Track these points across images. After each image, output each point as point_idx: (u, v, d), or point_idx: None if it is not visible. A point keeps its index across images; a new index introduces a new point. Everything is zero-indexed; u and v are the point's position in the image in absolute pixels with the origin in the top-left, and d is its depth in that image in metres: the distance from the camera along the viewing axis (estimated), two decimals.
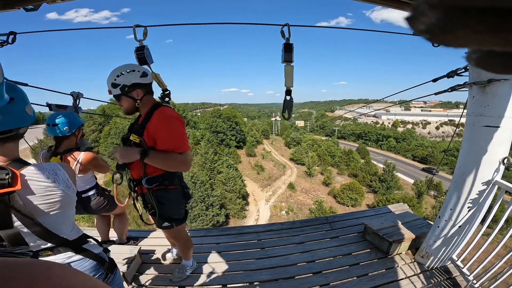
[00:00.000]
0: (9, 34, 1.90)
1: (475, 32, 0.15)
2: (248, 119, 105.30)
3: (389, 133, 74.49)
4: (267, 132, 70.23)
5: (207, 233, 3.27)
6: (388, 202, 28.21)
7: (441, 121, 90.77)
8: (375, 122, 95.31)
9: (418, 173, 45.78)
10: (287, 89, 1.67)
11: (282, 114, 1.71)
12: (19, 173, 1.01)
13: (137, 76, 1.68)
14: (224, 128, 45.53)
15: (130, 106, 1.74)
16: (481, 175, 2.15)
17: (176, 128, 1.69)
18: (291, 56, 1.63)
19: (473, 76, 2.02)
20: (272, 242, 3.11)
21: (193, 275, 2.55)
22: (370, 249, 3.00)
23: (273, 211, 28.36)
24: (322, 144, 51.90)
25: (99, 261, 1.33)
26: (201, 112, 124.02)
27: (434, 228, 2.59)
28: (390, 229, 2.96)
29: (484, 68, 0.19)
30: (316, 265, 2.73)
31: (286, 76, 1.65)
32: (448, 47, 0.17)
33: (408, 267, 2.71)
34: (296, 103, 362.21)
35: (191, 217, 22.24)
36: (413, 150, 59.52)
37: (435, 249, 2.60)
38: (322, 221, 3.58)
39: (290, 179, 37.07)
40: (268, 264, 2.71)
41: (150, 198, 1.87)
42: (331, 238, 3.23)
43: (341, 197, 31.53)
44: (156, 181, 1.82)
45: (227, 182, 27.11)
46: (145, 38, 1.82)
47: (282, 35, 1.62)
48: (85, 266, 1.28)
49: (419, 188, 34.46)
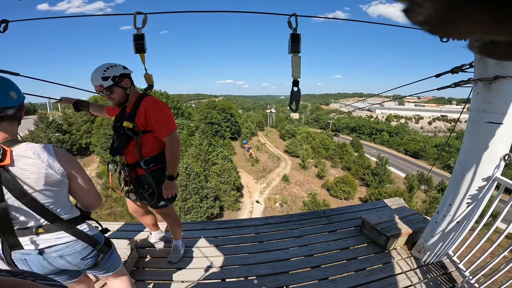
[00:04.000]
0: (0, 23, 1.79)
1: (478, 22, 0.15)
2: (243, 111, 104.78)
3: (383, 127, 75.16)
4: (262, 124, 70.08)
5: (204, 227, 3.24)
6: (381, 196, 28.63)
7: (433, 117, 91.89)
8: (369, 116, 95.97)
9: (409, 167, 46.52)
10: (294, 80, 1.61)
11: (289, 106, 1.66)
12: (10, 149, 1.13)
13: (121, 68, 1.86)
14: (219, 119, 45.22)
15: (121, 96, 1.91)
16: (481, 171, 2.15)
17: (165, 110, 1.95)
18: (298, 47, 1.58)
19: (479, 73, 1.99)
20: (270, 236, 3.10)
21: (191, 269, 2.53)
22: (367, 243, 3.02)
23: (267, 203, 28.52)
24: (317, 137, 52.11)
25: (92, 243, 1.39)
26: (196, 103, 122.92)
27: (432, 223, 2.60)
28: (388, 224, 2.98)
29: (488, 55, 0.18)
30: (315, 259, 2.74)
31: (293, 66, 1.60)
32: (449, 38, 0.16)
33: (405, 262, 2.74)
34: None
35: (185, 209, 22.20)
36: (406, 144, 60.26)
37: (432, 244, 2.62)
38: (320, 214, 3.59)
39: (284, 171, 37.22)
40: (267, 258, 2.71)
41: (148, 179, 2.03)
42: (329, 232, 3.23)
43: (334, 190, 31.84)
44: (153, 162, 2.02)
45: (221, 174, 27.08)
46: (144, 26, 1.75)
47: (289, 25, 1.57)
48: (76, 248, 1.34)
49: (410, 182, 35.05)
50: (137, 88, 2.04)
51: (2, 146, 1.11)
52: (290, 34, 1.56)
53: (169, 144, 1.95)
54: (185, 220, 22.22)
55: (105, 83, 1.80)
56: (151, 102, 1.92)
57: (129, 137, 1.94)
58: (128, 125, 1.90)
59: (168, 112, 1.98)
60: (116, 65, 1.85)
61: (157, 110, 1.91)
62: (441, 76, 2.40)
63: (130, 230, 3.12)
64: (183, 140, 34.35)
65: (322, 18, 3.43)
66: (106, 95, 1.87)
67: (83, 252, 1.37)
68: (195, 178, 22.84)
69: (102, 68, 1.80)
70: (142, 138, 1.95)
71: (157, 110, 1.91)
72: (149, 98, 1.96)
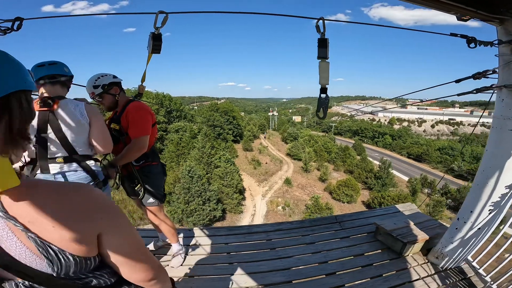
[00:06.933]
0: (14, 20, 1.76)
1: None
2: (245, 114, 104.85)
3: (385, 131, 74.98)
4: (264, 127, 70.04)
5: (215, 233, 3.19)
6: (384, 199, 28.47)
7: (436, 120, 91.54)
8: (371, 119, 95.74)
9: (412, 171, 46.25)
10: (322, 86, 1.56)
11: (316, 113, 1.60)
12: (58, 101, 1.66)
13: (110, 77, 2.08)
14: (222, 122, 45.23)
15: (111, 102, 2.12)
16: (504, 179, 2.11)
17: (143, 115, 2.10)
18: (326, 52, 1.52)
19: (503, 79, 1.96)
20: (282, 242, 3.04)
21: (203, 277, 2.47)
22: (382, 250, 2.96)
23: (269, 207, 28.42)
24: (319, 140, 51.99)
25: (92, 175, 1.80)
26: (198, 105, 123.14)
27: (452, 229, 2.56)
28: (404, 230, 2.92)
29: None
30: (330, 266, 2.68)
31: (321, 73, 1.54)
32: None
33: (422, 268, 2.68)
34: (293, 98, 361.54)
35: (187, 212, 22.12)
36: (408, 148, 60.02)
37: (451, 250, 2.58)
38: (331, 220, 3.53)
39: (286, 174, 37.12)
40: (281, 265, 2.65)
41: (136, 174, 2.21)
42: (341, 238, 3.17)
43: (337, 193, 31.67)
44: (142, 159, 2.21)
45: (224, 177, 27.01)
46: (163, 26, 1.72)
47: (317, 30, 1.52)
48: (80, 176, 1.76)
49: (413, 186, 34.80)
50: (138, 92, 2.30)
51: (54, 98, 1.65)
52: (318, 39, 1.50)
53: (133, 144, 2.05)
54: (187, 222, 22.15)
55: (96, 91, 2.03)
56: (134, 107, 2.10)
57: (117, 137, 2.11)
58: (115, 127, 2.10)
59: (146, 117, 2.12)
60: (107, 75, 2.08)
61: (136, 113, 2.07)
62: (461, 81, 2.37)
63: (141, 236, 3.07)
64: (186, 142, 34.37)
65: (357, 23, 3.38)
66: (98, 101, 2.10)
67: (85, 180, 1.76)
68: (198, 180, 22.79)
69: (94, 78, 2.04)
70: (128, 138, 2.10)
71: (136, 113, 2.07)
72: (135, 103, 2.15)
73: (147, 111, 2.16)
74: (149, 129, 2.13)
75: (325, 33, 1.51)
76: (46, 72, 1.68)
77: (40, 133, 1.62)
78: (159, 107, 37.04)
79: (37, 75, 1.67)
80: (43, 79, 1.68)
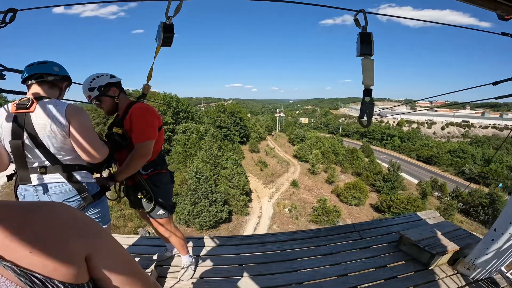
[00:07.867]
0: (7, 12, 1.61)
1: None
2: (252, 115, 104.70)
3: (394, 132, 73.75)
4: (270, 128, 69.69)
5: (226, 242, 2.99)
6: (393, 202, 27.84)
7: (446, 121, 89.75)
8: (379, 120, 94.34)
9: (422, 173, 45.30)
10: (366, 88, 1.30)
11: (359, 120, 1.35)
12: (36, 102, 1.46)
13: (107, 77, 1.87)
14: (228, 123, 45.12)
15: (110, 105, 1.91)
16: None
17: (148, 118, 1.88)
18: (370, 48, 1.29)
19: None
20: (298, 253, 2.83)
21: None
22: (405, 261, 2.74)
23: (276, 209, 28.08)
24: (326, 142, 51.40)
25: (78, 189, 1.58)
26: (205, 106, 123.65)
27: (487, 240, 2.37)
28: (431, 240, 2.69)
29: None
30: (351, 279, 2.47)
31: (364, 71, 1.30)
32: None
33: (451, 280, 2.49)
34: (300, 99, 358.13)
35: (194, 213, 22.00)
36: (418, 150, 58.80)
37: (484, 261, 2.39)
38: (349, 229, 3.30)
39: (293, 176, 36.71)
40: (297, 279, 2.44)
41: (145, 184, 1.97)
42: (361, 248, 2.95)
43: (344, 196, 31.12)
44: (151, 167, 1.99)
45: (231, 178, 26.83)
46: (175, 15, 1.53)
47: (356, 23, 1.30)
48: (64, 189, 1.55)
49: (423, 189, 33.98)
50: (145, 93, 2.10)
51: (31, 98, 1.46)
52: (359, 33, 1.27)
53: (135, 151, 1.83)
54: (193, 223, 22.04)
55: (92, 94, 1.83)
56: (138, 108, 1.89)
57: (120, 143, 1.87)
58: (117, 131, 1.86)
59: (151, 121, 1.90)
60: (103, 75, 1.87)
61: (140, 116, 1.86)
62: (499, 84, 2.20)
63: (146, 245, 2.90)
64: (193, 144, 34.38)
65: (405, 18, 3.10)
66: (96, 105, 1.89)
67: (68, 194, 1.56)
68: (205, 182, 22.67)
69: (89, 79, 1.84)
70: (132, 144, 1.88)
71: (140, 115, 1.86)
72: (138, 104, 1.94)
73: (153, 113, 1.94)
74: (154, 133, 1.92)
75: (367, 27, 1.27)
76: (33, 71, 1.53)
77: (15, 139, 1.45)
78: (166, 108, 37.14)
79: (24, 75, 1.54)
80: (30, 79, 1.53)
